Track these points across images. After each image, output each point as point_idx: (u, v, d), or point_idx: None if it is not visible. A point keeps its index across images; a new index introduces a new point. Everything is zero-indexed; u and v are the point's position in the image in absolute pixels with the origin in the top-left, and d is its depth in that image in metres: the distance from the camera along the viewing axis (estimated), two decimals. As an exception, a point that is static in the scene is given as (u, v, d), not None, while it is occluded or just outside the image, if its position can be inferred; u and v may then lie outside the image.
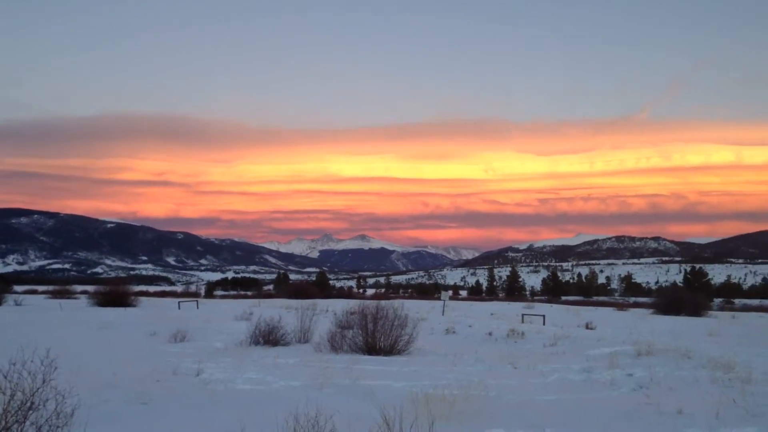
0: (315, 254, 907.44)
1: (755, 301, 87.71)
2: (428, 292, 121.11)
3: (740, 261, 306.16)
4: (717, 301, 78.69)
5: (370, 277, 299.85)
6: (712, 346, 17.65)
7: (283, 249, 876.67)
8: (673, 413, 7.47)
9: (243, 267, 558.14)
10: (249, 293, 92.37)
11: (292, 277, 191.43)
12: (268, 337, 15.55)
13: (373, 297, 63.50)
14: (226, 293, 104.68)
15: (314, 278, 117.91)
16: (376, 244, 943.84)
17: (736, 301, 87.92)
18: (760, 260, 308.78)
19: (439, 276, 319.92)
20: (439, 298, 46.12)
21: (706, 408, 7.66)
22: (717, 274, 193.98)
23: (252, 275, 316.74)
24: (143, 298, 45.56)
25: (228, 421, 6.80)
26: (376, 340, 14.17)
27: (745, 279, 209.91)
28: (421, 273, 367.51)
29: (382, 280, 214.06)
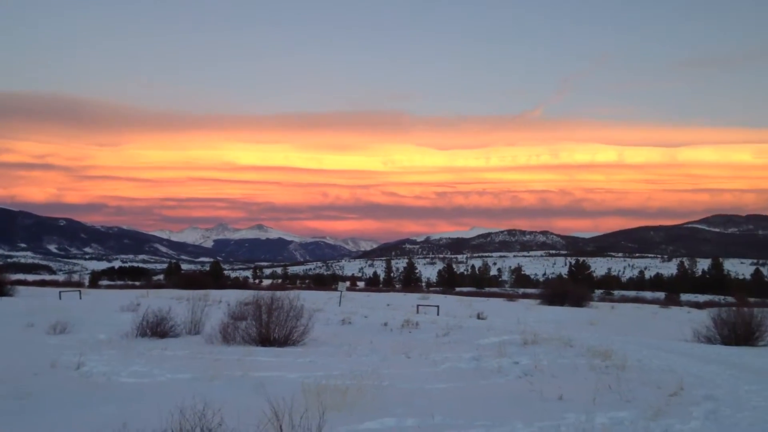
0: (209, 244, 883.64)
1: (632, 293, 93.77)
2: (326, 283, 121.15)
3: (620, 255, 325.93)
4: (598, 292, 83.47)
5: (267, 267, 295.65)
6: (592, 335, 18.69)
7: (175, 238, 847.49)
8: (554, 399, 7.83)
9: (131, 256, 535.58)
10: (137, 283, 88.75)
11: (185, 267, 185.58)
12: (156, 329, 14.97)
13: (270, 288, 62.64)
14: (112, 283, 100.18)
15: (208, 268, 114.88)
16: (273, 234, 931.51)
17: (615, 292, 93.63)
18: (637, 254, 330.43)
19: (338, 267, 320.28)
20: (336, 289, 46.21)
21: (584, 394, 8.08)
22: (599, 267, 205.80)
23: (141, 265, 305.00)
24: (21, 288, 42.69)
25: (110, 415, 6.48)
26: (271, 331, 13.97)
27: (624, 272, 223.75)
28: (320, 264, 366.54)
29: (279, 270, 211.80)
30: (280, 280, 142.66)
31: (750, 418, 7.18)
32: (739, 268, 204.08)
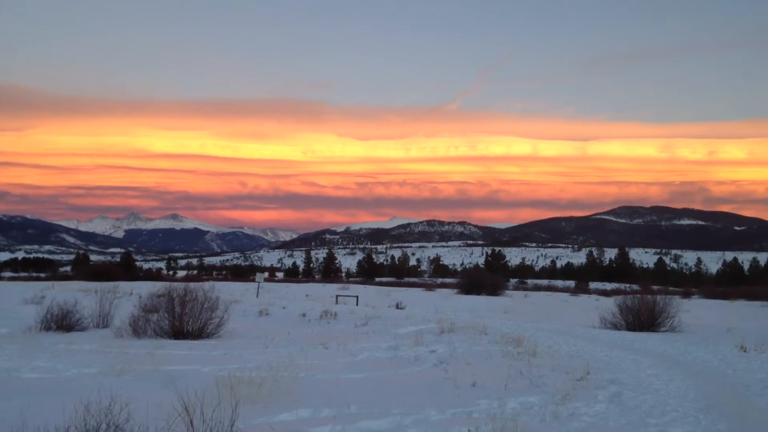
0: (120, 234, 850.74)
1: (545, 282, 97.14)
2: (244, 274, 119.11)
3: (534, 245, 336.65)
4: (513, 281, 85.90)
5: (182, 258, 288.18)
6: (507, 323, 19.22)
7: (83, 228, 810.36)
8: (468, 386, 7.99)
9: (36, 246, 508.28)
10: (43, 275, 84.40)
11: (94, 258, 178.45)
12: (62, 322, 14.29)
13: (184, 279, 61.07)
14: (15, 275, 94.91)
15: (118, 259, 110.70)
16: (189, 224, 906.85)
17: (529, 281, 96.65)
18: (550, 244, 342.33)
19: (256, 258, 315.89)
20: (254, 280, 45.52)
21: (497, 380, 8.29)
22: (513, 256, 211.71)
23: (46, 255, 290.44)
24: None
25: (10, 412, 6.10)
26: (184, 324, 13.59)
27: (537, 261, 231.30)
28: (237, 254, 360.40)
29: (194, 261, 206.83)
30: (195, 272, 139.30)
31: (651, 401, 7.55)
32: (644, 257, 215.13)
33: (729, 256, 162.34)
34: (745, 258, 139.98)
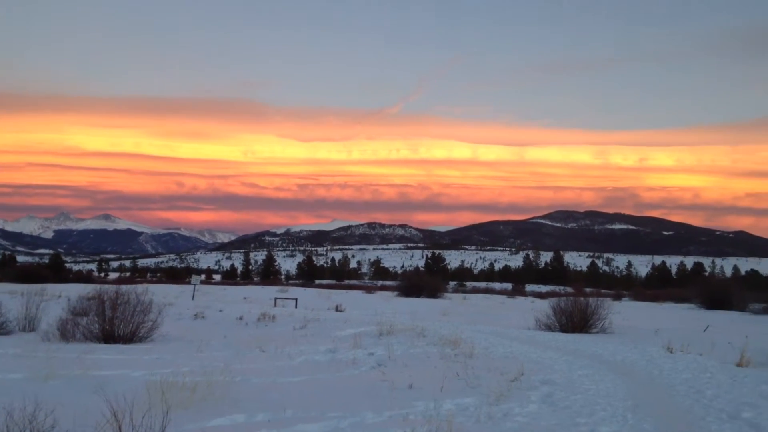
0: (49, 234, 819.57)
1: (483, 284, 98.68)
2: (179, 276, 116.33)
3: (473, 248, 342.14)
4: (452, 283, 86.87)
5: (115, 260, 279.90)
6: (445, 325, 19.41)
7: (9, 227, 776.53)
8: (405, 388, 8.03)
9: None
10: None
11: (21, 259, 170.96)
12: (-15, 327, 13.66)
13: (116, 281, 59.26)
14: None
15: (47, 261, 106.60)
16: (122, 225, 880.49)
17: (468, 283, 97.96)
18: (488, 247, 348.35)
19: (192, 260, 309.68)
20: (190, 283, 44.58)
21: (433, 382, 8.36)
22: (453, 259, 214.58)
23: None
24: None
25: None
26: (115, 328, 13.20)
27: (476, 264, 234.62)
28: (173, 256, 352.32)
29: (127, 263, 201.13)
30: (128, 274, 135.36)
31: (581, 401, 7.76)
32: (578, 260, 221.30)
33: (658, 259, 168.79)
34: (672, 261, 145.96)
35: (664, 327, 24.18)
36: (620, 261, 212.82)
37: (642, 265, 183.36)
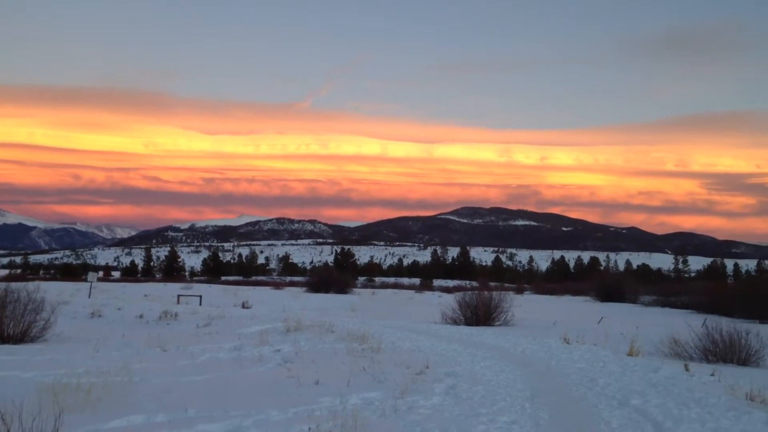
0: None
1: (391, 279, 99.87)
2: (75, 273, 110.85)
3: (382, 243, 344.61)
4: (361, 279, 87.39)
5: (4, 256, 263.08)
6: (353, 321, 19.48)
7: None
8: (311, 384, 7.99)
9: None
10: None
11: None
12: None
13: (5, 279, 55.74)
14: None
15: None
16: (12, 219, 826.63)
17: (377, 279, 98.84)
18: (397, 243, 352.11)
19: (89, 256, 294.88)
20: (86, 280, 42.56)
21: (340, 377, 8.38)
22: (362, 255, 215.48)
23: None
24: None
25: None
26: (4, 327, 12.43)
27: (385, 259, 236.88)
28: (68, 252, 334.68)
29: (18, 260, 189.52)
30: (19, 271, 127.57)
31: (483, 391, 8.01)
32: (483, 255, 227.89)
33: (557, 254, 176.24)
34: (571, 256, 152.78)
35: (562, 319, 25.31)
36: (523, 256, 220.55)
37: (543, 259, 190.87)
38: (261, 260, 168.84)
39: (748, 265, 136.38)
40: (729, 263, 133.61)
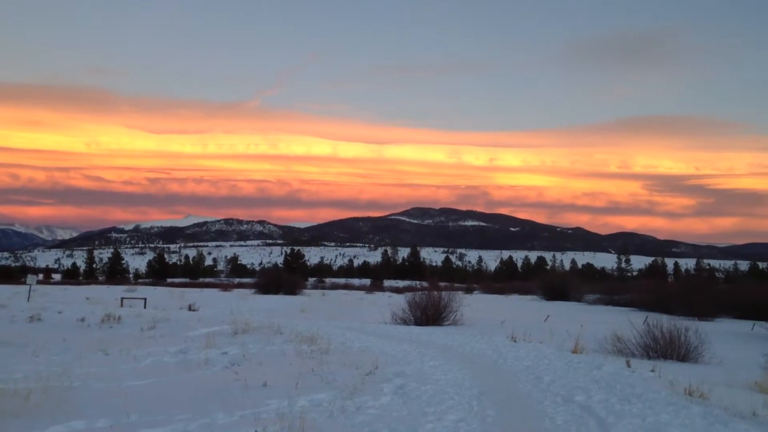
0: None
1: (342, 280, 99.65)
2: (13, 275, 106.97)
3: (332, 244, 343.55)
4: (311, 280, 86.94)
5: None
6: (303, 322, 19.35)
7: None
8: (258, 387, 7.89)
9: None
10: None
11: None
12: None
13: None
14: None
15: None
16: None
17: (327, 280, 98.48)
18: (348, 243, 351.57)
19: (29, 258, 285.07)
20: (25, 283, 41.12)
21: (288, 379, 8.30)
22: (313, 255, 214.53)
23: None
24: None
25: None
26: (-66, 333, 11.87)
27: (335, 260, 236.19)
28: (6, 254, 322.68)
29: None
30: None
31: (431, 391, 8.06)
32: (433, 255, 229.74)
33: (505, 254, 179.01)
34: (518, 256, 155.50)
35: (510, 318, 25.72)
36: (472, 256, 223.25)
37: (491, 259, 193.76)
38: (208, 262, 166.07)
39: (688, 264, 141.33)
40: (669, 262, 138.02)
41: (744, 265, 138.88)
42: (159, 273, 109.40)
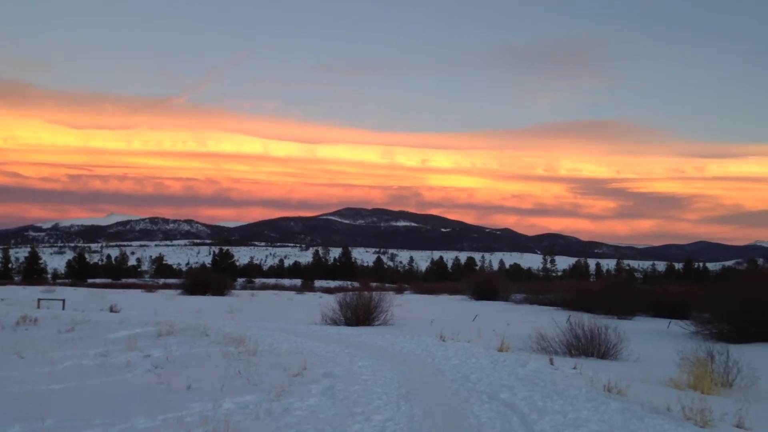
0: None
1: (272, 280, 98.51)
2: None
3: (263, 244, 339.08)
4: (241, 280, 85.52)
5: None
6: (230, 323, 19.03)
7: None
8: (182, 390, 7.69)
9: None
10: None
11: None
12: None
13: None
14: None
15: None
16: None
17: (257, 280, 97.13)
18: (279, 243, 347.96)
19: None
20: (-66, 283, 38.88)
21: (214, 381, 8.13)
22: (242, 255, 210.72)
23: None
24: None
25: None
26: None
27: (266, 260, 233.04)
28: None
29: None
30: None
31: (360, 391, 8.06)
32: (365, 256, 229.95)
33: (436, 255, 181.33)
34: (449, 257, 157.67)
35: (439, 318, 26.06)
36: (403, 256, 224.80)
37: (423, 260, 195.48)
38: (132, 262, 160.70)
39: (609, 264, 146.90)
40: (592, 263, 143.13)
41: (661, 266, 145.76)
42: (79, 273, 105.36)
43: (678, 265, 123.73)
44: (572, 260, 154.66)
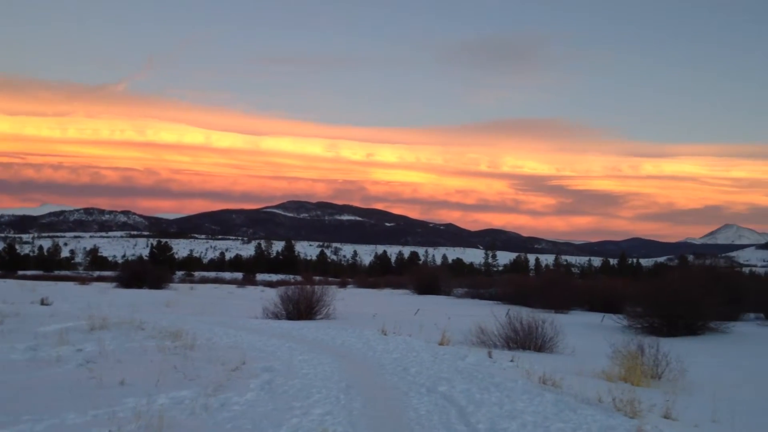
0: None
1: (212, 274, 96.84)
2: None
3: (203, 236, 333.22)
4: (179, 273, 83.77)
5: None
6: (167, 317, 18.64)
7: None
8: (115, 385, 7.47)
9: None
10: None
11: None
12: None
13: None
14: None
15: None
16: None
17: (197, 273, 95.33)
18: (220, 236, 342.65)
19: None
20: None
21: (148, 376, 7.92)
22: (182, 248, 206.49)
23: None
24: None
25: None
26: None
27: (206, 253, 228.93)
28: None
29: None
30: None
31: (299, 385, 8.02)
32: (308, 249, 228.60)
33: (380, 249, 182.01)
34: (393, 251, 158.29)
35: (382, 312, 26.13)
36: (347, 250, 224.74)
37: (366, 254, 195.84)
38: (65, 253, 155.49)
39: (547, 259, 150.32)
40: (531, 258, 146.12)
41: (597, 261, 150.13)
42: (9, 265, 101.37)
43: (613, 261, 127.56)
44: (513, 255, 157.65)
